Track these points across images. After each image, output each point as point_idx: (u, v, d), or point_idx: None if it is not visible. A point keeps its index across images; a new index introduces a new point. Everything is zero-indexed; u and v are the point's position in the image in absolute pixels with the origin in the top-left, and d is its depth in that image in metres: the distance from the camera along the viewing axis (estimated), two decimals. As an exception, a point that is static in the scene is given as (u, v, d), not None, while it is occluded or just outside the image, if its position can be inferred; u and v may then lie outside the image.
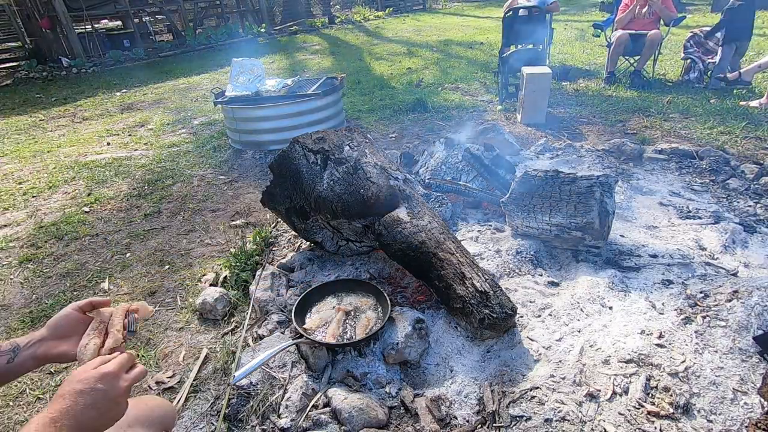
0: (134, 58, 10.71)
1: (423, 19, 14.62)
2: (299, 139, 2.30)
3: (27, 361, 0.92)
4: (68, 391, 0.74)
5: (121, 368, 0.81)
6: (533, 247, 2.31)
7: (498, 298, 1.77)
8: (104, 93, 7.64)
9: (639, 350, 1.65)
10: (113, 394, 0.77)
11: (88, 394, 0.74)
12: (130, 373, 0.82)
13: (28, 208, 3.67)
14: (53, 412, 0.71)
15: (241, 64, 4.35)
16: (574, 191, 2.18)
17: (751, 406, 1.45)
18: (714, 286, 1.95)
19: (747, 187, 2.96)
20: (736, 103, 4.56)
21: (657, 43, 5.26)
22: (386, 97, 5.84)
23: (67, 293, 2.56)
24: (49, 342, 0.95)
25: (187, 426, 1.66)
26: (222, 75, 8.26)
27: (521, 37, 5.38)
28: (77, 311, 0.98)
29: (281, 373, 1.75)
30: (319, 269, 2.40)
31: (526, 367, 1.69)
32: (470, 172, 2.81)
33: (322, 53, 9.93)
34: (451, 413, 1.57)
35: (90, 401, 0.74)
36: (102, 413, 0.75)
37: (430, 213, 2.13)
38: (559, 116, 4.70)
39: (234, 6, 14.76)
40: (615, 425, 1.44)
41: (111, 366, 0.79)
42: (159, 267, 2.76)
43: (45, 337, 0.95)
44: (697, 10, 11.48)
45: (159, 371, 1.96)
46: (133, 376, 0.82)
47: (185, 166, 4.27)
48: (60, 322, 0.97)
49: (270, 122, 4.18)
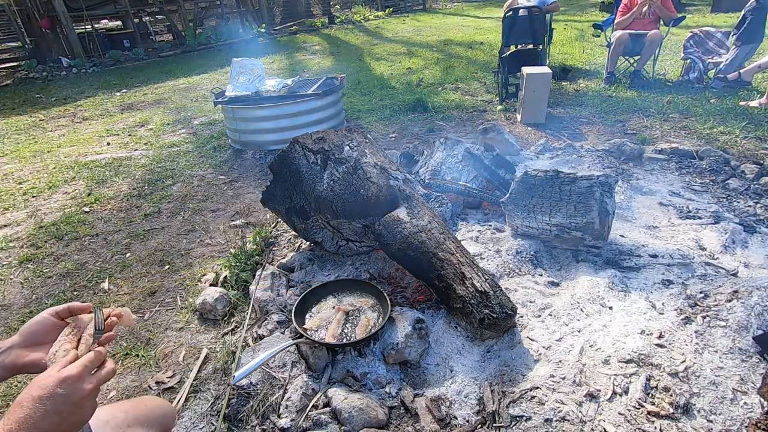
0: (134, 58, 10.71)
1: (423, 19, 14.62)
2: (299, 139, 2.30)
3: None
4: (26, 398, 0.69)
5: (85, 369, 0.75)
6: (533, 247, 2.31)
7: (498, 298, 1.77)
8: (104, 93, 7.64)
9: (639, 350, 1.65)
10: (75, 398, 0.72)
11: (48, 399, 0.69)
12: (98, 372, 0.78)
13: (28, 208, 3.67)
14: (9, 424, 0.66)
15: (241, 64, 4.35)
16: (574, 191, 2.18)
17: (750, 406, 1.45)
18: (714, 286, 1.95)
19: (747, 187, 2.96)
20: (736, 103, 4.56)
21: (657, 43, 5.26)
22: (386, 97, 5.84)
23: (67, 293, 2.56)
24: (20, 350, 0.87)
25: (187, 426, 1.66)
26: (222, 75, 8.27)
27: (521, 37, 5.38)
28: (54, 317, 0.90)
29: (281, 373, 1.75)
30: (319, 269, 2.40)
31: (526, 367, 1.69)
32: (470, 172, 2.81)
33: (322, 53, 9.93)
34: (451, 413, 1.57)
35: (51, 407, 0.69)
36: (64, 418, 0.70)
37: (430, 213, 2.13)
38: (559, 116, 4.70)
39: (234, 6, 14.77)
40: (615, 425, 1.44)
41: (73, 369, 0.74)
42: (159, 267, 2.76)
43: (15, 344, 0.87)
44: (697, 10, 11.48)
45: (159, 371, 1.97)
46: (100, 376, 0.77)
47: (185, 166, 4.27)
48: (33, 329, 0.89)
49: (270, 122, 4.18)
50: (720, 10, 10.62)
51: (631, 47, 5.48)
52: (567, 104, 5.08)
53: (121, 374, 1.98)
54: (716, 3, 10.85)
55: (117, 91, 7.74)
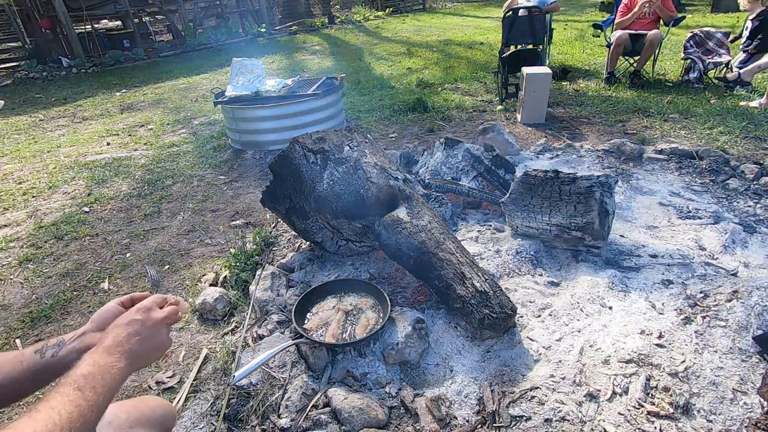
0: (134, 58, 10.71)
1: (423, 19, 14.62)
2: (299, 139, 2.30)
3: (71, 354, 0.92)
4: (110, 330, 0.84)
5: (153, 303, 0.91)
6: (533, 247, 2.31)
7: (498, 298, 1.77)
8: (104, 93, 7.63)
9: (639, 350, 1.65)
10: (151, 322, 0.87)
11: (130, 325, 0.85)
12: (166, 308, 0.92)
13: (28, 208, 3.67)
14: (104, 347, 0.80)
15: (241, 64, 4.35)
16: (574, 191, 2.18)
17: (750, 406, 1.45)
18: (714, 286, 1.95)
19: (747, 187, 2.96)
20: (736, 103, 4.56)
21: (657, 43, 5.26)
22: (386, 97, 5.84)
23: (67, 293, 2.56)
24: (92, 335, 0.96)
25: (187, 426, 1.66)
26: (222, 75, 8.26)
27: (521, 37, 5.38)
28: (119, 306, 1.00)
29: (281, 373, 1.75)
30: (319, 269, 2.40)
31: (526, 367, 1.69)
32: (470, 172, 2.81)
33: (322, 53, 9.93)
34: (451, 413, 1.57)
35: (132, 330, 0.84)
36: (146, 338, 0.85)
37: (430, 213, 2.13)
38: (559, 116, 4.70)
39: (234, 6, 14.75)
40: (615, 425, 1.45)
41: (144, 302, 0.91)
42: (159, 267, 2.76)
43: (88, 330, 0.97)
44: (697, 10, 11.48)
45: (159, 371, 1.97)
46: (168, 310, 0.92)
47: (185, 166, 4.27)
48: (103, 315, 0.99)
49: (270, 122, 4.18)
50: (720, 10, 10.63)
51: (631, 47, 5.48)
52: (567, 104, 5.08)
53: (121, 374, 1.97)
54: (716, 3, 10.85)
55: (117, 91, 7.74)
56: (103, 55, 10.61)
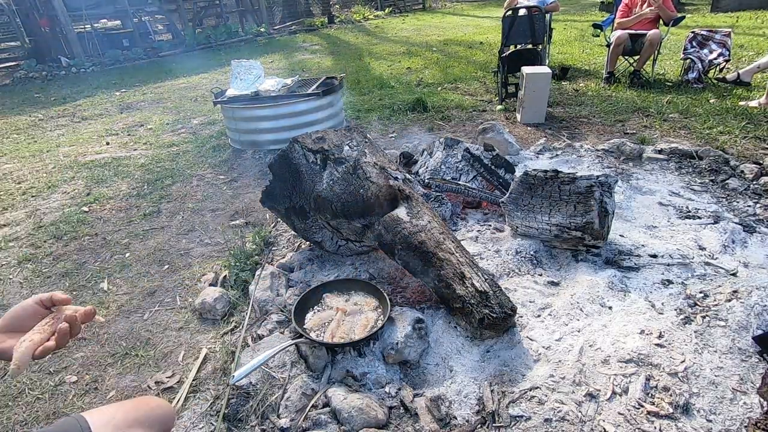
0: (133, 57, 10.70)
1: (423, 19, 14.61)
2: (299, 138, 2.30)
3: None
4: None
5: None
6: (533, 247, 2.31)
7: (498, 297, 1.77)
8: (103, 92, 7.63)
9: (639, 350, 1.65)
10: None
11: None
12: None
13: (27, 207, 3.67)
14: None
15: (240, 65, 4.36)
16: (573, 191, 2.18)
17: (750, 406, 1.45)
18: (713, 286, 1.95)
19: (746, 187, 2.96)
20: (736, 103, 4.56)
21: (656, 42, 5.26)
22: (386, 97, 5.84)
23: (66, 293, 2.55)
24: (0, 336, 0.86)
25: (186, 426, 1.66)
26: (222, 75, 8.26)
27: (521, 37, 5.37)
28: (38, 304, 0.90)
29: (281, 373, 1.75)
30: (318, 269, 2.40)
31: (525, 367, 1.69)
32: (470, 171, 2.81)
33: (321, 53, 9.92)
34: (451, 413, 1.57)
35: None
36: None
37: (430, 213, 2.13)
38: (559, 116, 4.70)
39: (233, 6, 14.74)
40: (615, 425, 1.45)
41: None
42: (158, 267, 2.75)
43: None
44: (697, 10, 11.48)
45: (158, 371, 1.96)
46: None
47: (184, 165, 4.27)
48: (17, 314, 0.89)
49: (269, 122, 4.18)
50: (720, 10, 10.63)
51: (631, 47, 5.47)
52: (567, 104, 5.08)
53: (121, 374, 1.97)
54: (716, 3, 10.85)
55: (116, 90, 7.73)
56: (102, 55, 10.60)
